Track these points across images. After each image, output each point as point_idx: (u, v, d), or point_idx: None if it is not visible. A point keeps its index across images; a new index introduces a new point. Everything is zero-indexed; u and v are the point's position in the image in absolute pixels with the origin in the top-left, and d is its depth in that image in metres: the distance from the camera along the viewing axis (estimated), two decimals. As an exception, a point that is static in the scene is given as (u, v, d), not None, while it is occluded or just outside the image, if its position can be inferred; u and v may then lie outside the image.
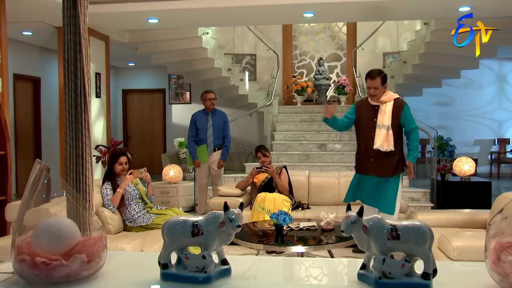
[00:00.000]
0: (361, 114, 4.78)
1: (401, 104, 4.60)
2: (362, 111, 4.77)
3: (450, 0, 6.31)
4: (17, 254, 1.34)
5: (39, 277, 1.32)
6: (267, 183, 5.86)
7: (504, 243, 1.29)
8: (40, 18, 7.20)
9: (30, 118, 9.82)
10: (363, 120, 4.75)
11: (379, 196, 4.64)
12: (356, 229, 1.35)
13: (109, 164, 4.66)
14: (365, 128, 4.73)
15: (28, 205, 1.41)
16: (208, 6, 6.60)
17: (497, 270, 1.26)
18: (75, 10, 1.65)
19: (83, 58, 1.66)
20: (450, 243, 3.65)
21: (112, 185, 4.52)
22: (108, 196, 4.44)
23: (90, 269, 1.39)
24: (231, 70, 10.57)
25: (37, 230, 1.37)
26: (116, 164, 4.63)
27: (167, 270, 1.41)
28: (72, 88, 1.67)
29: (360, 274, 1.40)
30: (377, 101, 4.64)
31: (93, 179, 1.77)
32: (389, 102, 4.59)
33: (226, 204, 1.41)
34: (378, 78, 4.56)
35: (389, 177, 4.61)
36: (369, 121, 4.66)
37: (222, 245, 1.43)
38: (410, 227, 1.32)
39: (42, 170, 1.40)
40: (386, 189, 4.60)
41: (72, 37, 1.66)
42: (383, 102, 4.61)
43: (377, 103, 4.65)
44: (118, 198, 4.46)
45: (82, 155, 1.68)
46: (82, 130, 1.68)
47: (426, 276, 1.31)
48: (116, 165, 4.63)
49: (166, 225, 1.43)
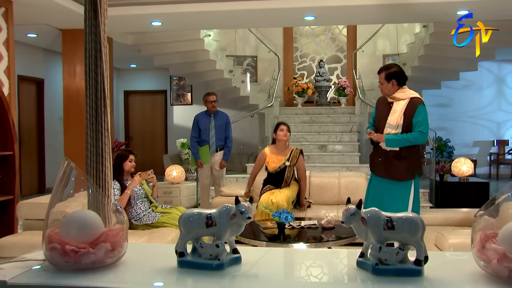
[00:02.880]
0: (378, 110, 4.51)
1: (416, 103, 4.22)
2: (379, 107, 4.49)
3: (449, 4, 6.42)
4: (48, 243, 1.48)
5: (68, 264, 1.46)
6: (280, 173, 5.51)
7: (489, 234, 1.44)
8: (45, 20, 7.33)
9: (33, 119, 9.95)
10: (379, 116, 4.45)
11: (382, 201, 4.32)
12: (355, 220, 1.49)
13: (117, 163, 4.78)
14: (378, 124, 4.41)
15: (58, 199, 1.55)
16: (211, 10, 6.72)
17: (482, 257, 1.40)
18: (95, 20, 1.78)
19: (103, 64, 1.80)
20: (446, 240, 3.78)
21: (120, 184, 4.66)
22: (115, 196, 4.57)
23: (114, 257, 1.53)
24: (233, 72, 10.70)
25: (66, 221, 1.51)
26: (127, 162, 4.77)
27: (183, 258, 1.56)
28: (93, 92, 1.81)
29: (359, 261, 1.55)
30: (389, 97, 4.35)
31: (111, 176, 1.91)
32: (402, 101, 4.26)
33: (237, 198, 1.55)
34: (382, 73, 4.30)
35: (395, 182, 4.27)
36: (383, 118, 4.36)
37: (233, 236, 1.57)
38: (404, 218, 1.47)
39: (71, 167, 1.54)
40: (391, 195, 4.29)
41: (93, 45, 1.80)
42: (396, 100, 4.30)
43: (391, 99, 4.34)
44: (125, 199, 4.60)
45: (102, 154, 1.82)
46: (102, 130, 1.82)
47: (419, 263, 1.46)
48: (126, 163, 4.77)
49: (183, 217, 1.57)
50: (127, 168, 4.77)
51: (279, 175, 5.55)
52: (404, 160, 4.23)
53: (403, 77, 4.33)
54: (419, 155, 4.34)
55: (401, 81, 4.30)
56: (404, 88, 4.32)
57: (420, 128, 4.17)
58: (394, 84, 4.28)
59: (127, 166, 4.77)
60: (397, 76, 4.29)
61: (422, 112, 4.22)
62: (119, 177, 4.71)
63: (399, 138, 4.19)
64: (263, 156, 5.63)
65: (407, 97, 4.26)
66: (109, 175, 1.88)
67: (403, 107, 4.23)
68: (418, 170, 4.29)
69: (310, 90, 10.74)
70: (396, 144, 4.23)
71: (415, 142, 4.20)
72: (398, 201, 4.24)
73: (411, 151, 4.24)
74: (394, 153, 4.25)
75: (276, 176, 5.57)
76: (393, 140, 4.21)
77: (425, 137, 4.20)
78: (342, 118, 9.93)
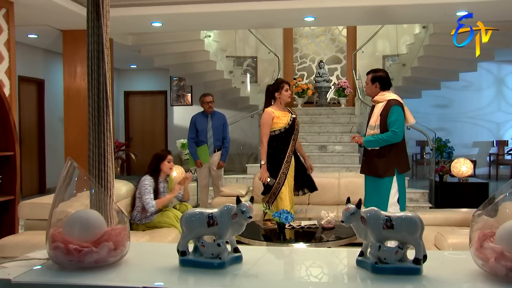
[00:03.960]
0: (369, 113, 4.92)
1: (391, 105, 4.49)
2: (370, 111, 4.88)
3: (448, 5, 6.44)
4: (51, 242, 1.50)
5: (72, 262, 1.48)
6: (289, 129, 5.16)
7: (487, 233, 1.46)
8: (46, 21, 7.35)
9: (34, 120, 9.96)
10: (368, 118, 4.85)
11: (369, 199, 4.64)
12: (355, 219, 1.51)
13: (155, 163, 4.81)
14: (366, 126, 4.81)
15: (61, 198, 1.56)
16: (211, 10, 6.74)
17: (480, 255, 1.42)
18: (98, 21, 1.80)
19: (105, 65, 1.82)
20: (445, 240, 3.80)
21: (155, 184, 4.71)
22: (150, 194, 4.62)
23: (116, 255, 1.55)
24: (233, 73, 10.73)
25: (69, 220, 1.53)
26: (165, 162, 4.80)
27: (185, 257, 1.58)
28: (95, 93, 1.83)
29: (359, 260, 1.57)
30: (372, 100, 4.75)
31: (113, 176, 1.93)
32: (381, 103, 4.59)
33: (239, 197, 1.57)
34: (369, 75, 4.70)
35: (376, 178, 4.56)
36: (368, 120, 4.77)
37: (234, 235, 1.59)
38: (403, 217, 1.49)
39: (74, 167, 1.56)
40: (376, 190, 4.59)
41: (96, 46, 1.82)
42: (376, 102, 4.66)
43: (373, 102, 4.74)
44: (163, 204, 4.70)
45: (104, 154, 1.84)
46: (104, 131, 1.84)
47: (417, 261, 1.48)
48: (164, 163, 4.79)
49: (184, 217, 1.59)
50: (165, 169, 4.81)
51: (288, 131, 5.16)
52: (383, 158, 4.53)
53: (387, 83, 4.70)
54: (399, 153, 4.57)
55: (384, 86, 4.66)
56: (383, 92, 4.66)
57: (393, 127, 4.45)
58: (377, 87, 4.65)
59: (165, 167, 4.80)
60: (382, 80, 4.65)
61: (395, 113, 4.48)
62: (154, 177, 4.74)
63: (375, 139, 4.53)
64: (270, 116, 5.13)
65: (385, 100, 4.58)
66: (111, 175, 1.90)
67: (380, 109, 4.56)
68: (398, 167, 4.53)
69: (310, 91, 10.76)
70: (373, 145, 4.57)
71: (390, 141, 4.47)
72: (379, 197, 4.53)
73: (391, 149, 4.51)
74: (376, 152, 4.57)
75: (286, 134, 5.16)
76: (370, 141, 4.57)
77: (398, 136, 4.46)
78: (342, 118, 9.95)
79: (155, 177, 4.75)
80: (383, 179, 4.52)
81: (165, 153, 4.88)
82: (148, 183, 4.67)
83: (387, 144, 4.49)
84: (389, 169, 4.50)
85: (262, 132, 5.20)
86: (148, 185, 4.66)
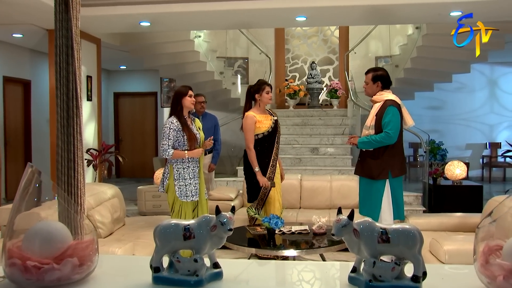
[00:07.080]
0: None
1: (386, 105, 4.35)
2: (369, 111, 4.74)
3: (442, 5, 6.35)
4: (8, 258, 1.34)
5: (30, 281, 1.32)
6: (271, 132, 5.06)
7: (492, 246, 1.31)
8: (31, 20, 7.16)
9: (20, 121, 9.77)
10: None
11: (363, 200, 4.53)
12: (347, 232, 1.36)
13: (176, 100, 4.56)
14: None
15: (20, 208, 1.40)
16: (200, 10, 6.60)
17: (486, 272, 1.27)
18: (67, 13, 1.64)
19: (75, 62, 1.66)
20: (441, 246, 3.67)
21: (179, 122, 4.48)
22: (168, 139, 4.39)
23: (82, 272, 1.39)
24: (223, 74, 10.59)
25: (28, 233, 1.36)
26: (186, 97, 4.54)
27: (158, 273, 1.42)
28: (64, 92, 1.67)
29: (351, 277, 1.41)
30: (370, 100, 4.61)
31: (84, 183, 1.76)
32: (378, 103, 4.44)
33: (218, 207, 1.41)
34: (370, 74, 4.53)
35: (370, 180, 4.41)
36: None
37: (213, 249, 1.44)
38: (400, 230, 1.34)
39: (34, 173, 1.40)
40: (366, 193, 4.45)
41: (64, 41, 1.66)
42: (373, 102, 4.53)
43: (371, 102, 4.59)
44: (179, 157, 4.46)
45: (74, 159, 1.68)
46: (74, 134, 1.68)
47: (416, 279, 1.32)
48: (186, 98, 4.54)
49: (158, 229, 1.43)
50: (187, 104, 4.54)
51: (271, 135, 5.06)
52: (377, 160, 4.38)
53: (388, 81, 4.55)
54: (394, 155, 4.40)
55: (385, 85, 4.50)
56: (382, 92, 4.50)
57: (387, 128, 4.30)
58: (379, 86, 4.49)
59: (186, 101, 4.54)
60: (383, 79, 4.49)
61: (390, 113, 4.32)
62: (178, 114, 4.51)
63: (368, 140, 4.38)
64: (253, 120, 5.00)
65: (382, 100, 4.43)
66: (82, 182, 1.73)
67: (377, 109, 4.42)
68: (392, 169, 4.35)
69: (302, 92, 10.65)
70: (367, 146, 4.43)
71: (383, 142, 4.31)
72: (372, 199, 4.40)
73: (385, 151, 4.36)
74: (370, 153, 4.43)
75: (269, 137, 5.06)
76: (363, 142, 4.42)
77: (391, 137, 4.29)
78: (334, 120, 9.83)
79: (179, 115, 4.50)
80: (377, 181, 4.36)
81: (185, 88, 4.61)
82: (169, 125, 4.42)
83: (381, 145, 4.33)
84: (382, 171, 4.34)
85: (247, 138, 5.03)
86: (168, 128, 4.42)
